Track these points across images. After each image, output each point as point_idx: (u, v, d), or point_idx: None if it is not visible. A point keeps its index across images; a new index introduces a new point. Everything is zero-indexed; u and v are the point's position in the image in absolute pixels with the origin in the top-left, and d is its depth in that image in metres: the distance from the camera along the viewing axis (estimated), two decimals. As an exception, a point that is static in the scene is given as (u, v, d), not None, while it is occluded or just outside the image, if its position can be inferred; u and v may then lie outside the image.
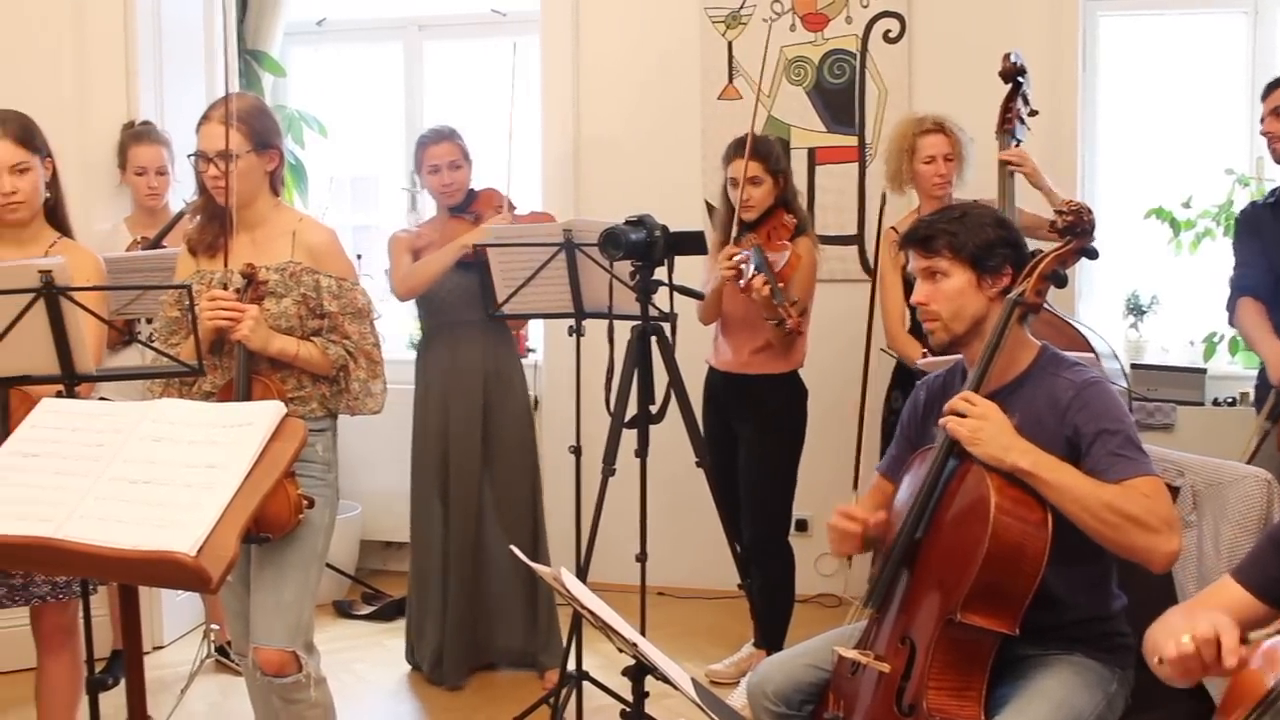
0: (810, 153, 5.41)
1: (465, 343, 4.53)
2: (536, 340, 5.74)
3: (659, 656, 2.34)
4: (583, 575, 3.84)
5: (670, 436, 4.12)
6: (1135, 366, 5.02)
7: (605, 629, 2.38)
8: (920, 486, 2.65)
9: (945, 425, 2.60)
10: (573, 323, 4.09)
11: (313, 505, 3.11)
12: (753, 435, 4.45)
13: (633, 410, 3.93)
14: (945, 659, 2.52)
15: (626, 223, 3.77)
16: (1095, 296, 5.33)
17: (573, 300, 4.08)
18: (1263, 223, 4.17)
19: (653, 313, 3.88)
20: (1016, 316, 2.65)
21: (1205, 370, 5.00)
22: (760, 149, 4.31)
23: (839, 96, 5.38)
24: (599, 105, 5.61)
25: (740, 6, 5.42)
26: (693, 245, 3.96)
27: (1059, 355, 2.75)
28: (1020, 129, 4.27)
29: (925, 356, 3.85)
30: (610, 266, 3.83)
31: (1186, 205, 5.04)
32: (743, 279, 4.10)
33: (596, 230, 3.78)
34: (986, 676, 2.53)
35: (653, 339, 3.92)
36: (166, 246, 4.26)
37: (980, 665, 2.53)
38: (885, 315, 4.48)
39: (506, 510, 4.60)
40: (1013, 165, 4.20)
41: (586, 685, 4.01)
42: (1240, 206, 4.61)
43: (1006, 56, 4.27)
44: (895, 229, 4.35)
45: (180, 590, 4.73)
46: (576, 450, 4.12)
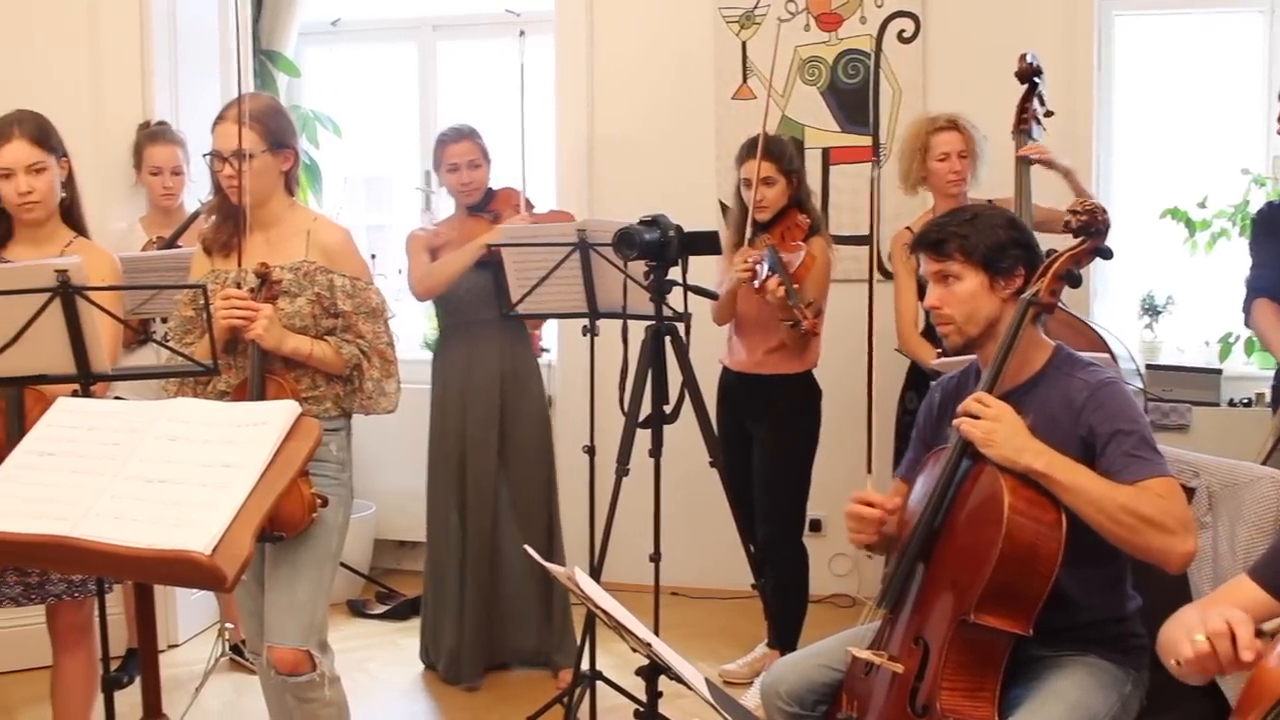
0: (824, 153, 5.41)
1: (483, 341, 4.53)
2: (550, 340, 5.75)
3: (673, 656, 2.34)
4: (596, 575, 3.84)
5: (684, 436, 4.12)
6: (1150, 367, 5.01)
7: (619, 629, 2.38)
8: (934, 487, 2.65)
9: (958, 427, 2.60)
10: (587, 322, 4.09)
11: (326, 504, 3.12)
12: (767, 435, 4.45)
13: (647, 410, 3.93)
14: (959, 660, 2.51)
15: (641, 222, 3.77)
16: (1110, 297, 5.31)
17: (587, 300, 4.07)
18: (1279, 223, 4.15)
19: (667, 313, 3.88)
20: (1030, 317, 2.64)
21: (1221, 371, 4.98)
22: (773, 149, 4.30)
23: (853, 96, 5.37)
24: (613, 105, 5.62)
25: (754, 6, 5.42)
26: (707, 245, 3.96)
27: (1073, 355, 2.74)
28: (1036, 129, 4.26)
29: (939, 357, 3.84)
30: (624, 266, 3.83)
31: (1202, 205, 5.02)
32: (757, 280, 4.10)
33: (611, 230, 3.78)
34: (1000, 677, 2.53)
35: (667, 339, 3.91)
36: (182, 246, 4.27)
37: (994, 666, 2.52)
38: (898, 317, 4.47)
39: (522, 510, 4.61)
40: (1035, 157, 4.19)
41: (600, 685, 4.01)
42: (1256, 206, 4.59)
43: (1023, 57, 4.27)
44: (910, 229, 4.34)
45: (195, 589, 4.74)
46: (590, 450, 4.12)
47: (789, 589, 4.47)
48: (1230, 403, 4.93)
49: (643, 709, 2.66)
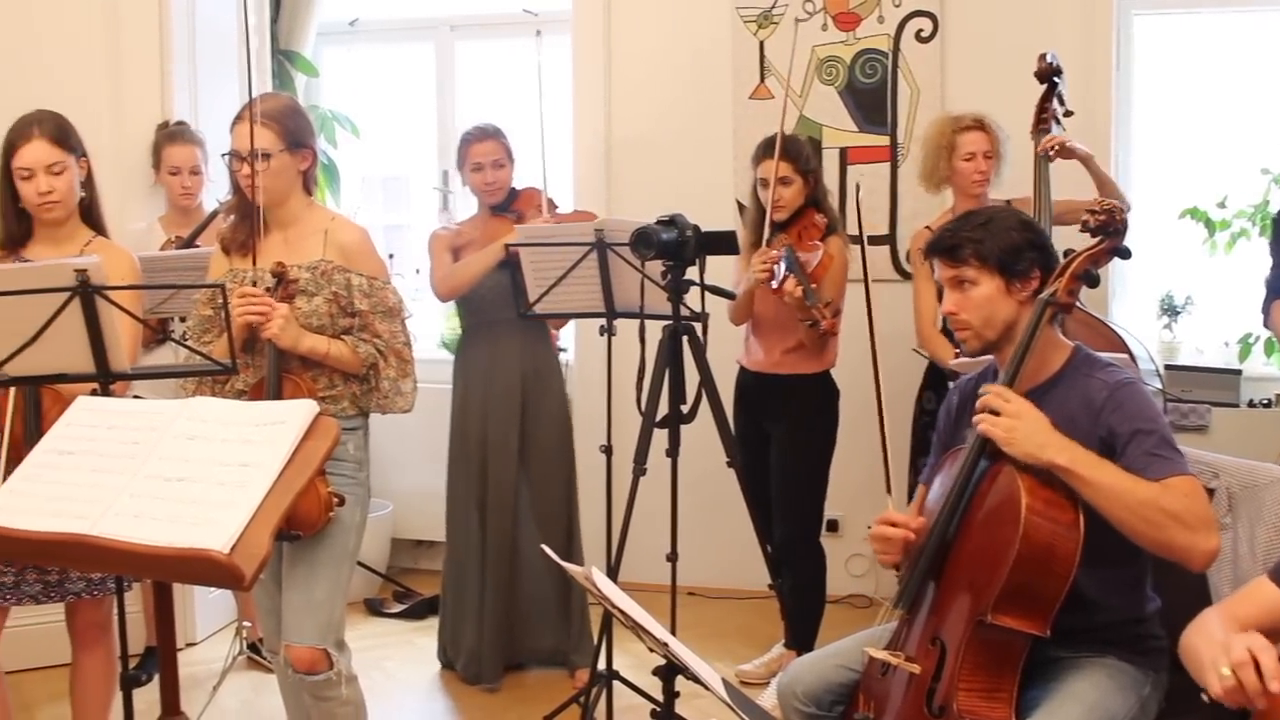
0: (842, 152, 5.39)
1: (504, 341, 4.54)
2: (568, 340, 5.75)
3: (690, 656, 2.34)
4: (613, 575, 3.84)
5: (701, 436, 4.11)
6: (1169, 368, 4.98)
7: (636, 629, 2.38)
8: (951, 487, 2.64)
9: (978, 425, 2.58)
10: (604, 322, 4.09)
11: (343, 503, 3.12)
12: (784, 435, 4.44)
13: (664, 410, 3.93)
14: (976, 660, 2.51)
15: (658, 222, 3.77)
16: (1129, 297, 5.29)
17: (604, 300, 4.07)
18: (1299, 223, 4.13)
19: (684, 312, 3.87)
20: (1048, 317, 2.63)
21: (1240, 372, 4.95)
22: (790, 149, 4.30)
23: (871, 96, 5.36)
24: (630, 105, 5.62)
25: (772, 6, 5.41)
26: (724, 245, 3.96)
27: (1092, 356, 2.73)
28: (1055, 129, 4.25)
29: (958, 357, 3.83)
30: (642, 266, 3.82)
31: (1222, 205, 4.99)
32: (775, 280, 4.09)
33: (628, 230, 3.77)
34: (1018, 678, 2.52)
35: (684, 339, 3.91)
36: (200, 245, 4.29)
37: (1011, 667, 2.52)
38: (917, 316, 4.46)
39: (542, 510, 4.61)
40: (1053, 151, 4.17)
41: (617, 685, 4.01)
42: (1277, 206, 4.57)
43: (1042, 57, 4.25)
44: (930, 228, 4.32)
45: (213, 587, 4.75)
46: (607, 450, 4.12)
47: (806, 589, 4.46)
48: (1250, 404, 4.90)
49: (659, 709, 2.66)
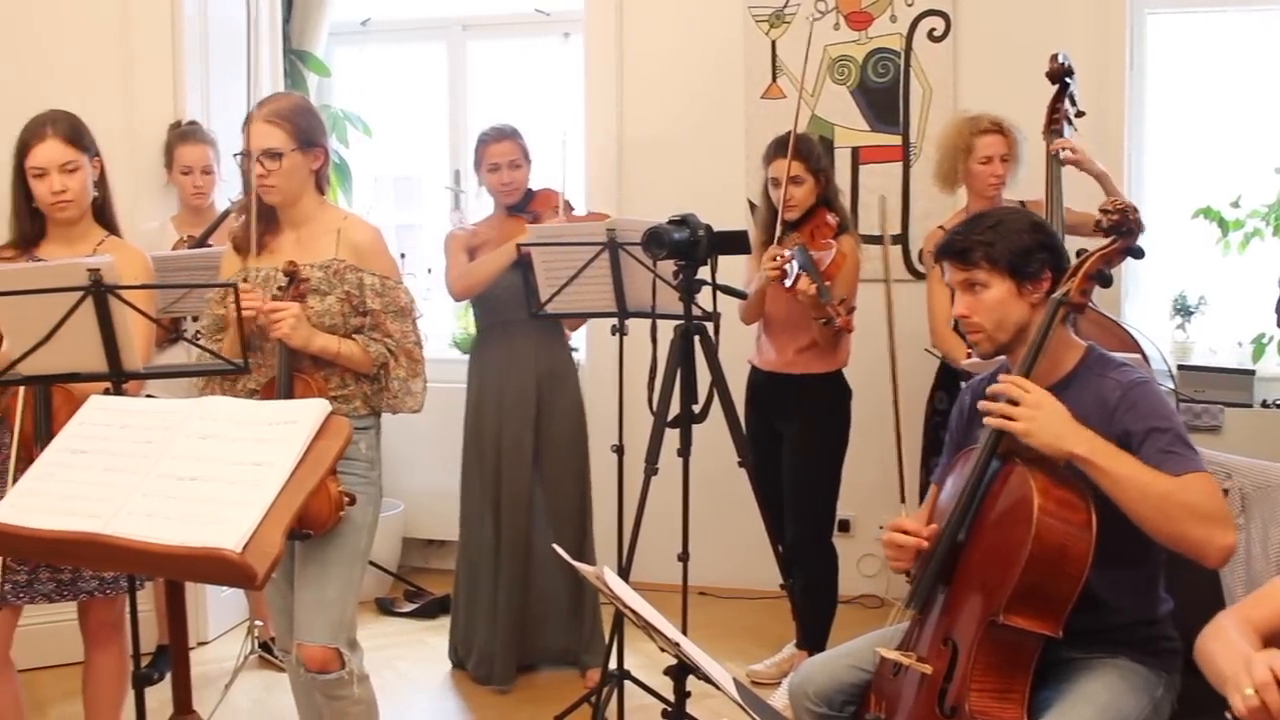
0: (854, 152, 5.39)
1: (519, 341, 4.54)
2: (580, 340, 5.75)
3: (701, 656, 2.34)
4: (625, 574, 3.84)
5: (712, 436, 4.11)
6: (1182, 368, 4.97)
7: (647, 628, 2.37)
8: (963, 488, 2.63)
9: (995, 412, 2.56)
10: (615, 322, 4.09)
11: (354, 502, 3.13)
12: (797, 435, 4.44)
13: (675, 410, 3.93)
14: (988, 661, 2.50)
15: (670, 222, 3.76)
16: (1142, 297, 5.27)
17: (616, 299, 4.07)
18: (1314, 223, 4.12)
19: (696, 312, 3.87)
20: (1060, 317, 2.63)
21: (1254, 372, 4.93)
22: (801, 148, 4.29)
23: (883, 96, 5.35)
24: (642, 104, 5.61)
25: (784, 5, 5.41)
26: (736, 245, 3.96)
27: (1105, 356, 2.72)
28: (1067, 129, 4.23)
29: (970, 356, 3.82)
30: (653, 266, 3.82)
31: (1235, 205, 4.98)
32: (788, 279, 4.09)
33: (640, 229, 3.77)
34: (1030, 679, 2.51)
35: (695, 338, 3.91)
36: (212, 245, 4.30)
37: (1023, 667, 2.51)
38: (931, 314, 4.45)
39: (556, 508, 4.61)
40: (1067, 156, 4.16)
41: (628, 684, 4.02)
42: (1290, 206, 4.56)
43: (1054, 57, 4.24)
44: (943, 228, 4.32)
45: (226, 586, 4.76)
46: (619, 449, 4.12)
47: (817, 589, 4.46)
48: (1263, 404, 4.88)
49: (670, 709, 2.65)
